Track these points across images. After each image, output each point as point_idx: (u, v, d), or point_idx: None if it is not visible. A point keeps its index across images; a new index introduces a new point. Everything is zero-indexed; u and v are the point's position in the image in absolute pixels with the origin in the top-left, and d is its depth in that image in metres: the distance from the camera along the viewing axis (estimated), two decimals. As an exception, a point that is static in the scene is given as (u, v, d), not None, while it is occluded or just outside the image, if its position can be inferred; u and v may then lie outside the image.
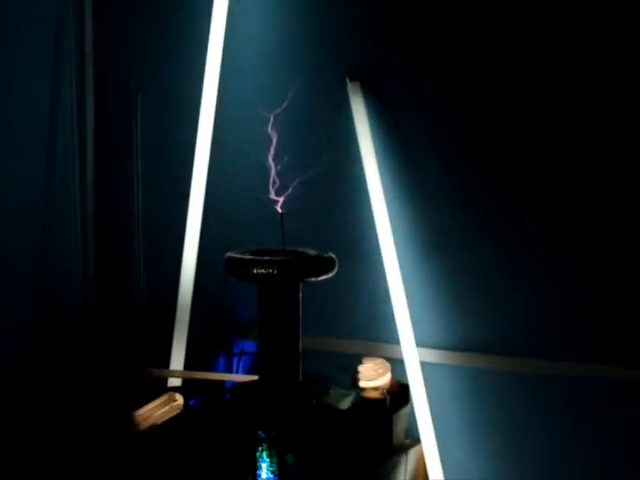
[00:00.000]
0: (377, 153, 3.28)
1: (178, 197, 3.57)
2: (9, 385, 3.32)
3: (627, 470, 3.07)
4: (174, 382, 3.45)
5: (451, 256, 3.27)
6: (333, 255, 2.83)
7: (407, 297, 3.25)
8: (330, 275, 2.81)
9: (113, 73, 3.83)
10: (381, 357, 3.17)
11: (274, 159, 2.90)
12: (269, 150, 2.91)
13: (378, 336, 3.39)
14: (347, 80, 3.33)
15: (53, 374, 3.46)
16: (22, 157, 3.60)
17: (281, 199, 2.87)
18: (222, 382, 3.34)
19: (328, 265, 2.81)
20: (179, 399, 3.12)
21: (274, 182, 2.89)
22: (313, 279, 2.78)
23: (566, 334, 3.12)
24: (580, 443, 3.13)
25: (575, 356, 3.10)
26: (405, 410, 3.15)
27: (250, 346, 3.46)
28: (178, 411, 3.08)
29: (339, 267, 2.84)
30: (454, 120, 3.23)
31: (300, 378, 2.84)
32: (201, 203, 3.47)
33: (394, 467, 3.05)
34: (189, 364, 3.48)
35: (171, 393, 3.13)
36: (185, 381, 3.44)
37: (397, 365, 3.22)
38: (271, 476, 2.71)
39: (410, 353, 3.24)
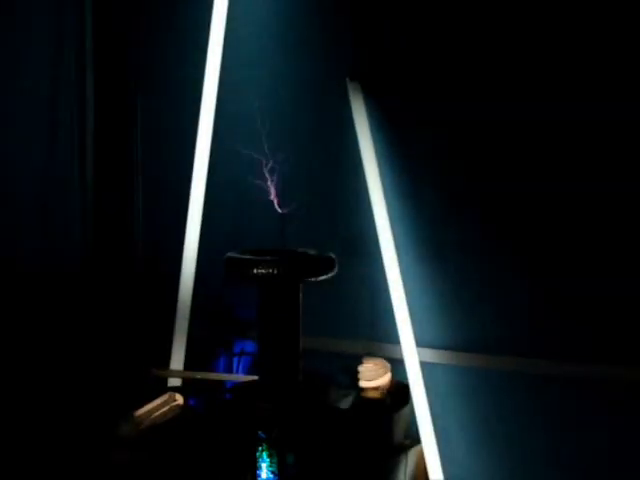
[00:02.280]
0: (377, 153, 3.28)
1: (178, 197, 3.57)
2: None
3: (627, 469, 3.07)
4: (174, 382, 3.45)
5: (451, 257, 3.27)
6: (333, 255, 2.83)
7: (407, 297, 3.25)
8: (330, 275, 2.81)
9: (113, 73, 3.84)
10: (381, 357, 3.17)
11: (274, 158, 2.90)
12: (269, 150, 2.91)
13: (378, 336, 3.39)
14: (347, 80, 3.33)
15: (50, 376, 3.45)
16: (22, 157, 3.60)
17: (281, 199, 2.87)
18: (222, 382, 3.34)
19: (328, 265, 2.81)
20: (179, 399, 3.12)
21: (273, 182, 2.89)
22: (313, 279, 2.78)
23: (566, 334, 3.12)
24: (580, 442, 3.13)
25: (575, 356, 3.10)
26: (405, 410, 3.15)
27: (250, 346, 3.46)
28: (178, 411, 3.08)
29: (339, 267, 2.84)
30: (454, 121, 3.23)
31: (300, 378, 2.84)
32: (201, 203, 3.47)
33: (394, 467, 3.05)
34: (189, 364, 3.48)
35: (171, 393, 3.13)
36: (185, 381, 3.44)
37: (397, 365, 3.22)
38: (271, 476, 2.71)
39: (410, 353, 3.24)
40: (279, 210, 2.85)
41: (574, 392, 3.12)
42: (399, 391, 3.16)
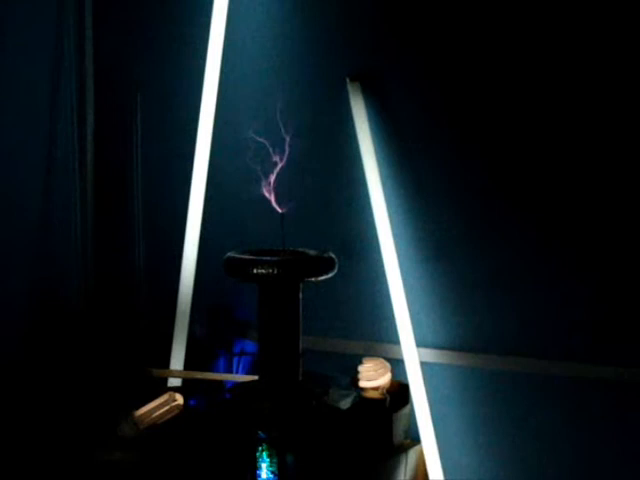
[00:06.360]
0: (377, 153, 3.28)
1: (178, 197, 3.57)
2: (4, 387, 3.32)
3: (625, 469, 3.07)
4: (174, 382, 3.45)
5: (451, 256, 3.27)
6: (333, 255, 2.83)
7: (407, 297, 3.25)
8: (330, 275, 2.81)
9: (113, 72, 3.84)
10: (381, 357, 3.17)
11: (274, 159, 2.90)
12: (269, 150, 2.91)
13: (378, 336, 3.39)
14: (347, 80, 3.33)
15: (49, 375, 3.45)
16: (21, 156, 3.60)
17: (280, 199, 2.86)
18: (222, 382, 3.34)
19: (328, 265, 2.81)
20: (179, 399, 3.12)
21: (273, 182, 2.88)
22: (313, 279, 2.78)
23: (566, 334, 3.12)
24: (580, 443, 3.13)
25: (574, 356, 3.10)
26: (405, 410, 3.15)
27: (250, 346, 3.46)
28: (178, 411, 3.08)
29: (339, 267, 2.83)
30: (454, 120, 3.23)
31: (300, 378, 2.84)
32: (201, 203, 3.47)
33: (394, 467, 3.06)
34: (189, 364, 3.48)
35: (171, 393, 3.13)
36: (185, 381, 3.44)
37: (397, 365, 3.22)
38: (271, 476, 2.71)
39: (410, 353, 3.24)
40: (279, 210, 2.85)
41: (575, 392, 3.12)
42: (399, 391, 3.16)
